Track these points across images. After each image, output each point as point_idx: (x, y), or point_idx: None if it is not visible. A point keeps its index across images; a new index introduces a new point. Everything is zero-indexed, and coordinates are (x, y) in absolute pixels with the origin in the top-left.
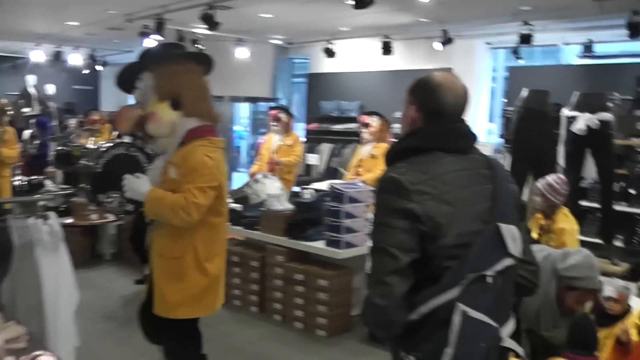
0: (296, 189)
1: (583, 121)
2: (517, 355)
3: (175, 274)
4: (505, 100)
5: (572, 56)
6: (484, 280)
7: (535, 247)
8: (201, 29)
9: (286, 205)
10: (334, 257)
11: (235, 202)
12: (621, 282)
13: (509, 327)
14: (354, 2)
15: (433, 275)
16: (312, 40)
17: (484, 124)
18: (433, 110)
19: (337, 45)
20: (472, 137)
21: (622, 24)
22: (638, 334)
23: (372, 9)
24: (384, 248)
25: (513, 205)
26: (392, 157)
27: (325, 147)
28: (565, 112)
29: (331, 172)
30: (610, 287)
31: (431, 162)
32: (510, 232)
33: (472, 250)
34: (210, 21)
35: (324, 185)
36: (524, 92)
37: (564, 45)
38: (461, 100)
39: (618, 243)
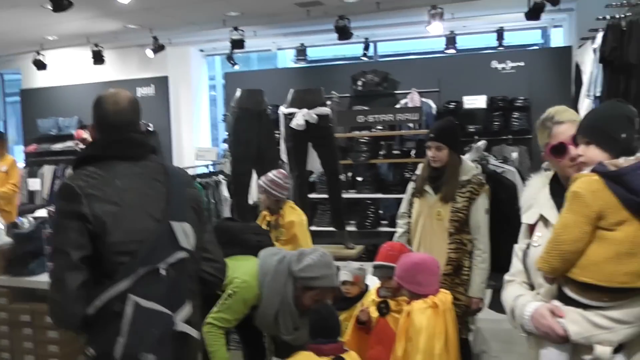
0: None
1: (301, 117)
2: (192, 338)
3: None
4: (225, 107)
5: (287, 61)
6: (157, 273)
7: (270, 251)
8: None
9: (5, 240)
10: None
11: None
12: (356, 265)
13: (184, 312)
14: (51, 7)
15: (108, 271)
16: (21, 52)
17: (207, 131)
18: (99, 123)
19: (47, 57)
20: (145, 146)
21: (331, 28)
22: (377, 311)
23: (77, 15)
24: (59, 248)
25: (189, 207)
26: (74, 167)
27: (48, 170)
28: (282, 109)
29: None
30: (345, 272)
31: (102, 169)
32: (181, 229)
33: (143, 246)
34: None
35: (45, 212)
36: (238, 93)
37: (278, 50)
38: (123, 110)
39: (351, 228)
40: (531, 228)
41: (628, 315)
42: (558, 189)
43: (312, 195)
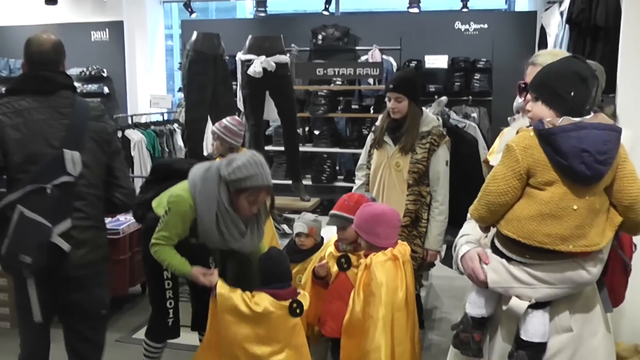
0: None
1: (259, 64)
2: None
3: None
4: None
5: (246, 13)
6: (44, 190)
7: (198, 165)
8: None
9: None
10: None
11: None
12: (311, 217)
13: (63, 226)
14: None
15: (8, 184)
16: None
17: (162, 80)
18: (26, 61)
19: None
20: (55, 83)
21: None
22: (337, 265)
23: None
24: None
25: (89, 138)
26: None
27: None
28: (240, 55)
29: None
30: (300, 223)
31: (15, 101)
32: (71, 156)
33: (36, 167)
34: None
35: None
36: (194, 36)
37: (238, 1)
38: (45, 52)
39: (307, 182)
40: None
41: (550, 276)
42: None
43: (267, 148)
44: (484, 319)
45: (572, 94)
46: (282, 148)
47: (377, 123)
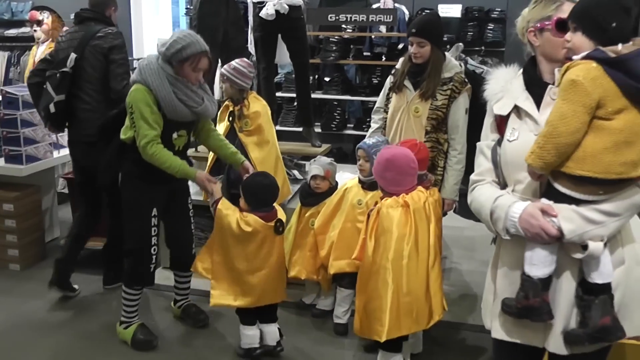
0: None
1: (272, 6)
2: None
3: None
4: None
5: None
6: (54, 74)
7: (140, 63)
8: None
9: None
10: (16, 175)
11: None
12: (327, 160)
13: (58, 98)
14: None
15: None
16: None
17: (169, 25)
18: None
19: None
20: (82, 16)
21: None
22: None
23: None
24: None
25: (90, 48)
26: None
27: (1, 56)
28: None
29: (10, 84)
30: (316, 166)
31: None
32: (71, 57)
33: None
34: None
35: None
36: None
37: None
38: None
39: (316, 130)
40: (499, 123)
41: (619, 207)
42: (534, 79)
43: (277, 94)
44: (550, 277)
45: (614, 24)
46: (292, 95)
47: (398, 66)
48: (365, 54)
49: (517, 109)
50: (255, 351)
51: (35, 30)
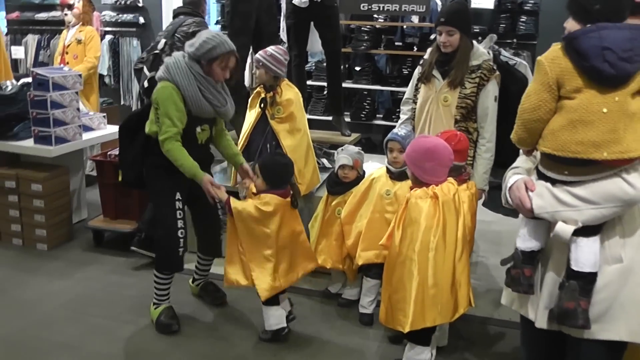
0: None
1: None
2: None
3: None
4: None
5: None
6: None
7: (161, 67)
8: None
9: None
10: (45, 155)
11: None
12: (354, 149)
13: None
14: None
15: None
16: None
17: None
18: None
19: None
20: (175, 12)
21: None
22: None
23: None
24: None
25: (178, 34)
26: None
27: (32, 39)
28: None
29: (40, 67)
30: (344, 155)
31: None
32: (162, 41)
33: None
34: None
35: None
36: None
37: None
38: None
39: (346, 119)
40: None
41: (593, 194)
42: None
43: (307, 83)
44: (534, 253)
45: (597, 7)
46: (322, 83)
47: (426, 57)
48: (397, 44)
49: None
50: (284, 331)
51: (66, 14)
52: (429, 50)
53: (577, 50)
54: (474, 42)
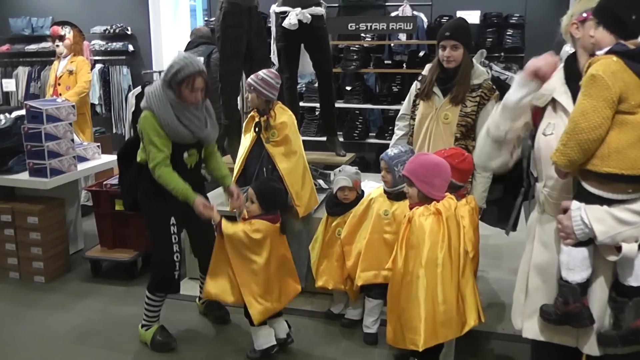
0: None
1: (294, 15)
2: None
3: None
4: (206, 19)
5: None
6: None
7: (146, 90)
8: None
9: None
10: (41, 188)
11: None
12: (352, 169)
13: None
14: None
15: None
16: None
17: (187, 37)
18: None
19: None
20: (194, 42)
21: None
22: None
23: None
24: None
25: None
26: None
27: (22, 71)
28: (274, 7)
29: (32, 99)
30: (343, 177)
31: None
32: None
33: None
34: None
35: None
36: None
37: None
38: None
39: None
40: (535, 113)
41: None
42: (574, 74)
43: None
44: (588, 282)
45: (634, 17)
46: (313, 104)
47: (424, 73)
48: (385, 62)
49: (554, 102)
50: (273, 349)
51: (57, 46)
52: (427, 66)
53: None
54: (473, 60)
